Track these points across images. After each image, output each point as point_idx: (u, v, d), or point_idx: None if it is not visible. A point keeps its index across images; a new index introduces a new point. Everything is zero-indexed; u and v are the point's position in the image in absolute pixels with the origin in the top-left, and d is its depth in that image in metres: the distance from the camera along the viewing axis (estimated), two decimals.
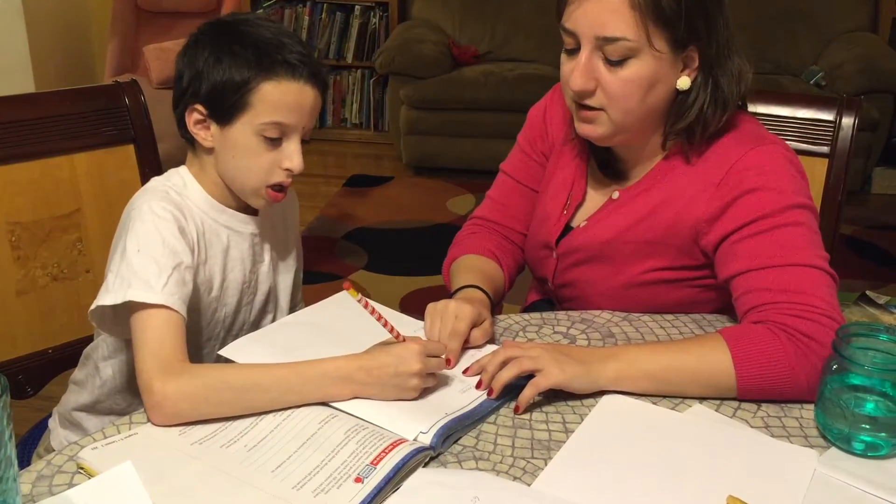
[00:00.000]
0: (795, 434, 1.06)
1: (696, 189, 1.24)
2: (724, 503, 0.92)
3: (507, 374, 1.08)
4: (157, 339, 1.06)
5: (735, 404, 1.11)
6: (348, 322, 1.18)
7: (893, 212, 4.03)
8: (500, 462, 0.99)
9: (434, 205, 4.02)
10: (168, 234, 1.14)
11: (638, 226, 1.29)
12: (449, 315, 1.19)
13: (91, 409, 1.35)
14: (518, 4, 4.57)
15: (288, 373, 1.05)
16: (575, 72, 1.18)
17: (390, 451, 0.96)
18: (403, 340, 1.10)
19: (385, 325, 1.10)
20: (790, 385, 1.09)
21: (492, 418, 1.08)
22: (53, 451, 1.07)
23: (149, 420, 1.03)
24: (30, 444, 1.45)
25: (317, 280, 3.15)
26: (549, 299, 1.50)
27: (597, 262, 1.33)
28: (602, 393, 1.11)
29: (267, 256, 1.33)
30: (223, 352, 1.13)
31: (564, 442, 1.03)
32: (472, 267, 1.39)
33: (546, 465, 0.99)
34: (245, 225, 1.28)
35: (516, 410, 1.08)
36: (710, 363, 1.10)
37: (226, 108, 1.17)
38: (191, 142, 1.24)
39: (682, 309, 1.33)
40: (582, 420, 1.07)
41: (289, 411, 1.04)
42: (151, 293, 1.08)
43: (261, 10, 4.78)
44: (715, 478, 0.96)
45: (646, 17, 1.13)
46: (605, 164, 1.35)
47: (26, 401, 1.47)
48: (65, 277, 1.48)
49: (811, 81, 4.18)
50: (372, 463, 0.94)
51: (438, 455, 1.00)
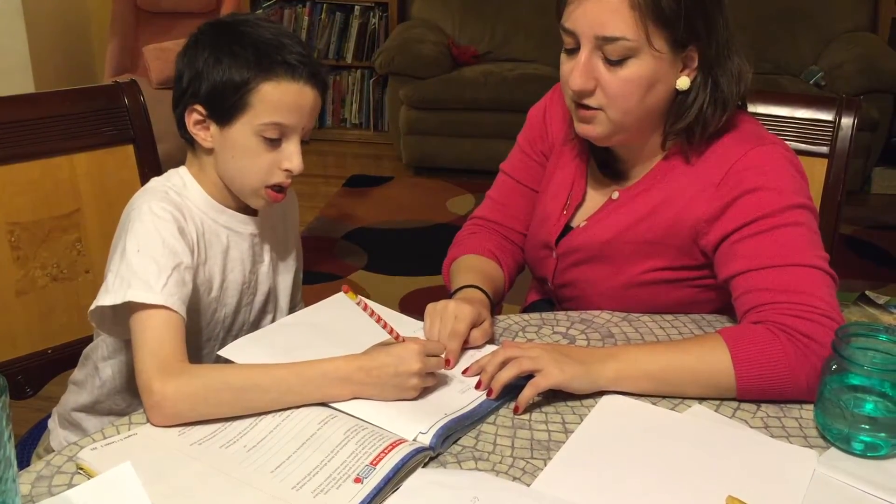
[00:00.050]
0: (795, 434, 1.06)
1: (695, 189, 1.24)
2: (723, 503, 0.92)
3: (507, 375, 1.08)
4: (157, 339, 1.06)
5: (734, 404, 1.11)
6: (348, 322, 1.18)
7: (893, 212, 4.02)
8: (500, 462, 0.99)
9: (434, 205, 4.02)
10: (168, 235, 1.14)
11: (638, 226, 1.29)
12: (448, 315, 1.19)
13: (90, 409, 1.35)
14: (518, 4, 4.57)
15: (287, 373, 1.05)
16: (574, 71, 1.18)
17: (390, 451, 0.96)
18: (403, 341, 1.10)
19: (384, 326, 1.10)
20: (790, 385, 1.09)
21: (491, 419, 1.08)
22: (53, 451, 1.07)
23: (148, 420, 1.03)
24: (29, 444, 1.45)
25: (317, 280, 3.15)
26: (549, 299, 1.50)
27: (596, 262, 1.33)
28: (601, 393, 1.11)
29: (267, 257, 1.33)
30: (222, 352, 1.13)
31: (564, 442, 1.03)
32: (471, 267, 1.38)
33: (545, 465, 0.99)
34: (245, 225, 1.28)
35: (516, 411, 1.08)
36: (710, 363, 1.10)
37: (225, 108, 1.17)
38: (190, 142, 1.24)
39: (682, 309, 1.33)
40: (581, 420, 1.07)
41: (288, 412, 1.04)
42: (151, 293, 1.08)
43: (260, 11, 4.78)
44: (714, 478, 0.96)
45: (645, 16, 1.13)
46: (605, 164, 1.35)
47: (26, 401, 1.47)
48: (64, 278, 1.48)
49: (811, 81, 4.18)
50: (371, 463, 0.94)
51: (438, 455, 1.00)
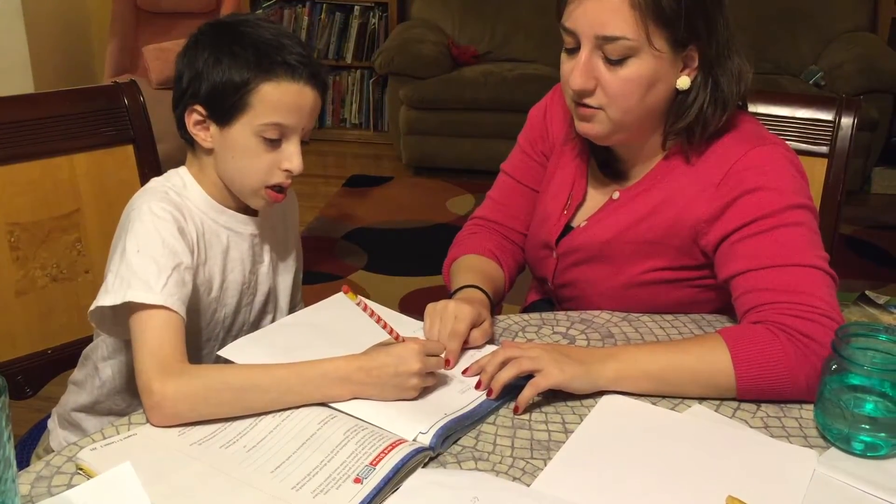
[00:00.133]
0: (795, 434, 1.06)
1: (696, 189, 1.24)
2: (723, 503, 0.92)
3: (507, 375, 1.08)
4: (157, 339, 1.06)
5: (734, 404, 1.11)
6: (348, 322, 1.18)
7: (893, 211, 4.02)
8: (500, 462, 0.99)
9: (433, 205, 4.02)
10: (167, 235, 1.14)
11: (638, 226, 1.29)
12: (448, 315, 1.19)
13: (90, 409, 1.35)
14: (518, 4, 4.57)
15: (287, 373, 1.05)
16: (575, 71, 1.18)
17: (389, 451, 0.96)
18: (402, 341, 1.09)
19: (384, 326, 1.10)
20: (790, 385, 1.09)
21: (491, 419, 1.08)
22: (52, 451, 1.07)
23: (148, 421, 1.03)
24: (29, 444, 1.45)
25: (316, 280, 3.15)
26: (549, 299, 1.50)
27: (597, 262, 1.33)
28: (601, 393, 1.11)
29: (267, 257, 1.33)
30: (222, 352, 1.13)
31: (564, 442, 1.03)
32: (472, 267, 1.38)
33: (545, 465, 0.99)
34: (245, 226, 1.28)
35: (515, 411, 1.08)
36: (710, 363, 1.10)
37: (225, 108, 1.17)
38: (190, 142, 1.24)
39: (682, 309, 1.33)
40: (581, 420, 1.07)
41: (288, 412, 1.04)
42: (151, 294, 1.08)
43: (260, 11, 4.78)
44: (714, 478, 0.96)
45: (646, 16, 1.13)
46: (606, 164, 1.35)
47: (25, 401, 1.47)
48: (64, 278, 1.48)
49: (811, 81, 4.18)
50: (371, 463, 0.94)
51: (438, 455, 1.00)
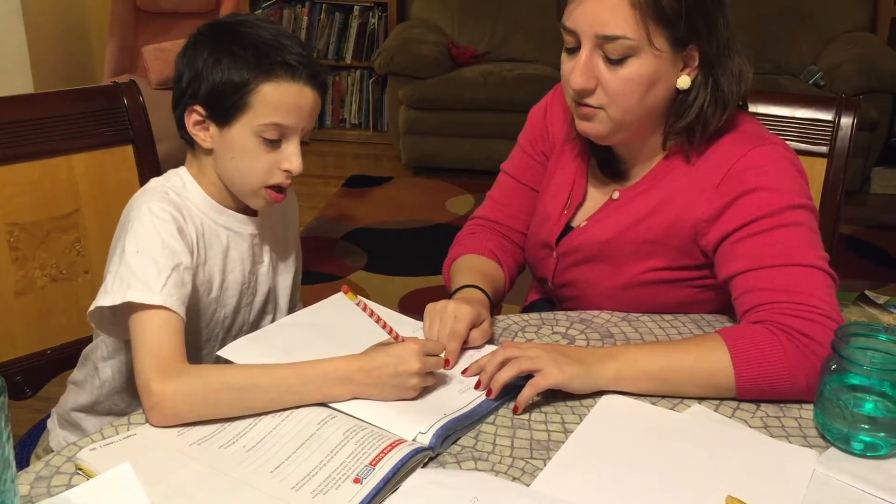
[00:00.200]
0: (794, 434, 1.05)
1: (696, 189, 1.24)
2: (723, 503, 0.92)
3: (506, 375, 1.08)
4: (156, 339, 1.06)
5: (734, 404, 1.11)
6: (347, 323, 1.18)
7: (892, 211, 4.03)
8: (499, 462, 0.99)
9: (433, 205, 4.02)
10: (167, 235, 1.14)
11: (638, 226, 1.29)
12: (448, 316, 1.19)
13: (90, 409, 1.35)
14: (517, 4, 4.57)
15: (287, 373, 1.05)
16: (575, 70, 1.18)
17: (389, 451, 0.96)
18: (402, 341, 1.09)
19: (384, 326, 1.10)
20: (789, 385, 1.09)
21: (491, 419, 1.08)
22: (52, 451, 1.07)
23: (147, 421, 1.03)
24: (29, 444, 1.45)
25: (316, 280, 3.15)
26: (549, 299, 1.50)
27: (597, 262, 1.33)
28: (601, 393, 1.11)
29: (266, 257, 1.33)
30: (222, 352, 1.13)
31: (563, 442, 1.03)
32: (472, 267, 1.38)
33: (545, 465, 0.99)
34: (244, 226, 1.28)
35: (515, 411, 1.08)
36: (710, 363, 1.10)
37: (225, 109, 1.17)
38: (190, 143, 1.24)
39: (682, 309, 1.33)
40: (581, 420, 1.07)
41: (288, 412, 1.04)
42: (150, 294, 1.08)
43: (259, 11, 4.78)
44: (714, 478, 0.96)
45: (646, 15, 1.13)
46: (606, 163, 1.35)
47: (25, 402, 1.47)
48: (63, 278, 1.48)
49: (810, 81, 4.18)
50: (371, 463, 0.94)
51: (437, 455, 1.00)
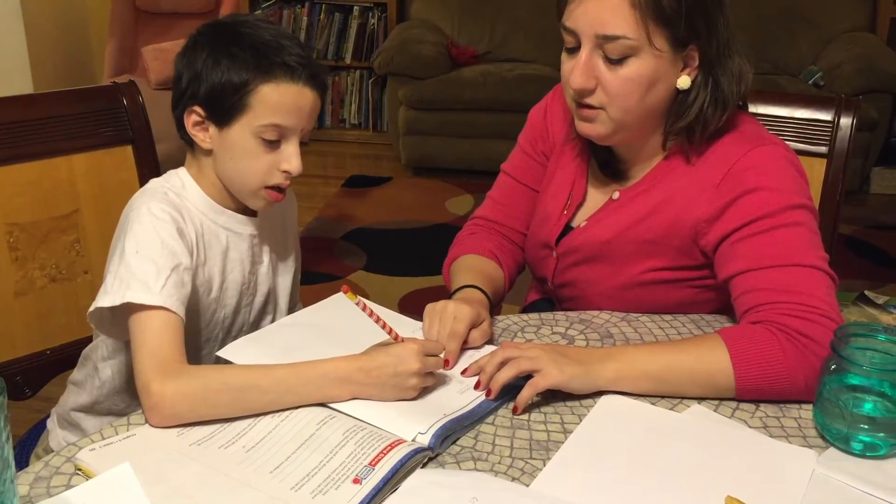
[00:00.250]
0: (794, 434, 1.06)
1: (696, 189, 1.24)
2: (722, 503, 0.92)
3: (506, 375, 1.08)
4: (156, 340, 1.06)
5: (733, 404, 1.11)
6: (347, 323, 1.18)
7: (892, 212, 4.03)
8: (499, 463, 0.99)
9: (433, 205, 4.02)
10: (166, 236, 1.14)
11: (638, 226, 1.29)
12: (448, 316, 1.19)
13: (90, 409, 1.35)
14: (517, 5, 4.57)
15: (287, 374, 1.05)
16: (575, 70, 1.18)
17: (388, 451, 0.96)
18: (402, 341, 1.09)
19: (384, 326, 1.10)
20: (788, 385, 1.09)
21: (490, 419, 1.08)
22: (52, 451, 1.07)
23: (147, 421, 1.03)
24: (28, 444, 1.45)
25: (316, 280, 3.15)
26: (549, 299, 1.50)
27: (596, 262, 1.33)
28: (600, 393, 1.11)
29: (266, 257, 1.33)
30: (221, 353, 1.13)
31: (563, 442, 1.03)
32: (471, 267, 1.39)
33: (544, 465, 0.99)
34: (244, 226, 1.28)
35: (514, 411, 1.08)
36: (709, 363, 1.10)
37: (224, 109, 1.17)
38: (190, 143, 1.24)
39: (682, 309, 1.33)
40: (580, 420, 1.07)
41: (287, 412, 1.04)
42: (150, 295, 1.08)
43: (259, 11, 4.78)
44: (713, 478, 0.96)
45: (646, 15, 1.13)
46: (606, 164, 1.35)
47: (25, 402, 1.47)
48: (63, 278, 1.48)
49: (810, 81, 4.18)
50: (370, 464, 0.94)
51: (437, 456, 1.00)
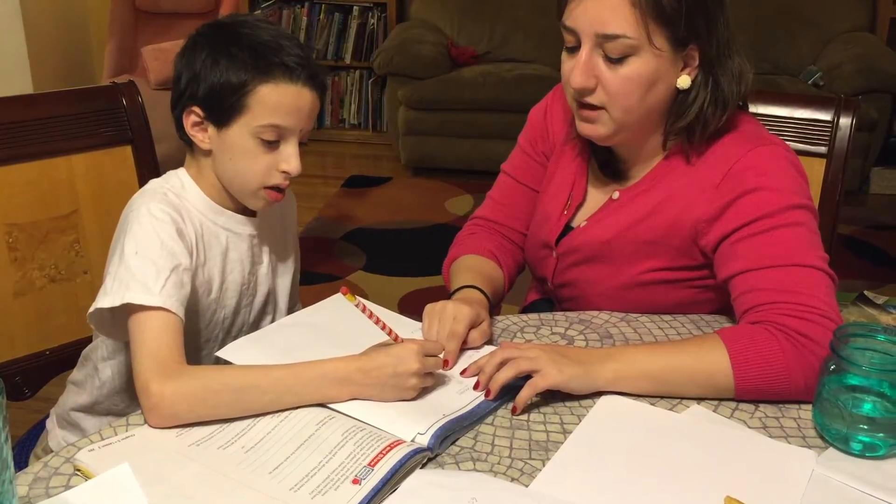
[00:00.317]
0: (793, 434, 1.06)
1: (696, 189, 1.24)
2: (721, 503, 0.92)
3: (505, 375, 1.08)
4: (155, 341, 1.06)
5: (733, 405, 1.11)
6: (347, 323, 1.18)
7: (892, 212, 4.02)
8: (498, 463, 0.99)
9: (432, 205, 4.02)
10: (166, 236, 1.14)
11: (638, 226, 1.29)
12: (447, 316, 1.19)
13: (90, 409, 1.35)
14: (517, 5, 4.57)
15: (286, 374, 1.05)
16: (575, 70, 1.18)
17: (388, 452, 0.96)
18: (401, 342, 1.09)
19: (383, 328, 1.10)
20: (788, 385, 1.09)
21: (489, 419, 1.08)
22: (51, 451, 1.07)
23: (146, 422, 1.03)
24: (28, 445, 1.45)
25: (315, 281, 3.15)
26: (549, 299, 1.50)
27: (596, 262, 1.33)
28: (600, 394, 1.11)
29: (266, 258, 1.33)
30: (221, 353, 1.13)
31: (562, 443, 1.03)
32: (471, 267, 1.39)
33: (544, 465, 0.99)
34: (243, 226, 1.28)
35: (514, 411, 1.08)
36: (708, 363, 1.10)
37: (223, 110, 1.17)
38: (189, 144, 1.24)
39: (681, 309, 1.33)
40: (580, 421, 1.07)
41: (286, 412, 1.04)
42: (149, 295, 1.08)
43: (258, 11, 4.77)
44: (713, 478, 0.96)
45: (646, 14, 1.13)
46: (606, 164, 1.35)
47: (24, 402, 1.47)
48: (62, 279, 1.48)
49: (809, 81, 4.18)
50: (369, 464, 0.94)
51: (436, 456, 1.00)
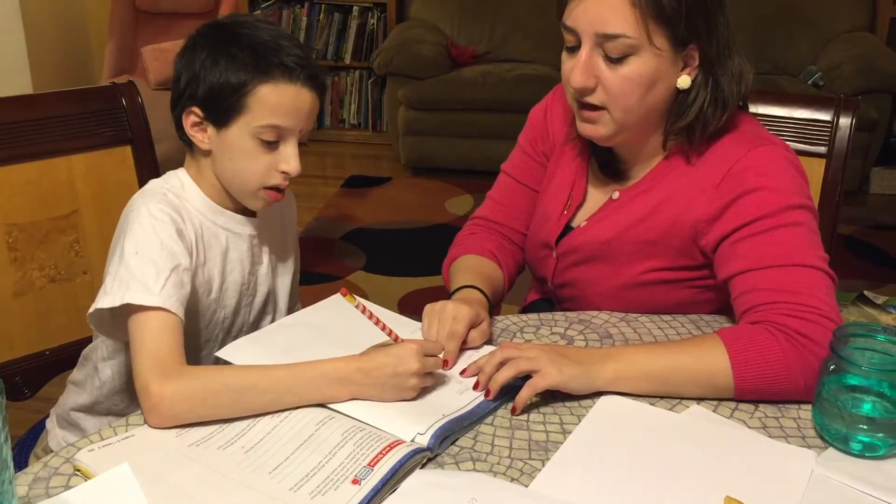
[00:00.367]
0: (793, 434, 1.06)
1: (696, 189, 1.24)
2: (721, 503, 0.92)
3: (505, 375, 1.08)
4: (155, 341, 1.06)
5: (732, 405, 1.11)
6: (346, 323, 1.18)
7: (891, 212, 4.03)
8: (498, 463, 0.99)
9: (432, 205, 4.02)
10: (166, 237, 1.14)
11: (638, 226, 1.29)
12: (447, 316, 1.19)
13: (90, 409, 1.35)
14: (516, 5, 4.57)
15: (286, 374, 1.05)
16: (575, 69, 1.18)
17: (388, 452, 0.96)
18: (401, 342, 1.09)
19: (383, 328, 1.10)
20: (787, 385, 1.09)
21: (489, 419, 1.08)
22: (51, 451, 1.07)
23: (146, 422, 1.03)
24: (28, 445, 1.45)
25: (315, 281, 3.15)
26: (549, 299, 1.50)
27: (596, 262, 1.33)
28: (599, 394, 1.11)
29: (265, 258, 1.33)
30: (221, 353, 1.13)
31: (562, 443, 1.03)
32: (471, 267, 1.39)
33: (543, 466, 0.99)
34: (243, 227, 1.28)
35: (513, 411, 1.08)
36: (708, 363, 1.10)
37: (223, 110, 1.17)
38: (189, 144, 1.24)
39: (681, 309, 1.33)
40: (579, 421, 1.07)
41: (286, 413, 1.04)
42: (149, 295, 1.08)
43: (258, 11, 4.77)
44: (712, 478, 0.96)
45: (646, 14, 1.13)
46: (606, 163, 1.35)
47: (24, 402, 1.47)
48: (62, 279, 1.48)
49: (809, 82, 4.18)
50: (369, 464, 0.94)
51: (436, 456, 1.00)
